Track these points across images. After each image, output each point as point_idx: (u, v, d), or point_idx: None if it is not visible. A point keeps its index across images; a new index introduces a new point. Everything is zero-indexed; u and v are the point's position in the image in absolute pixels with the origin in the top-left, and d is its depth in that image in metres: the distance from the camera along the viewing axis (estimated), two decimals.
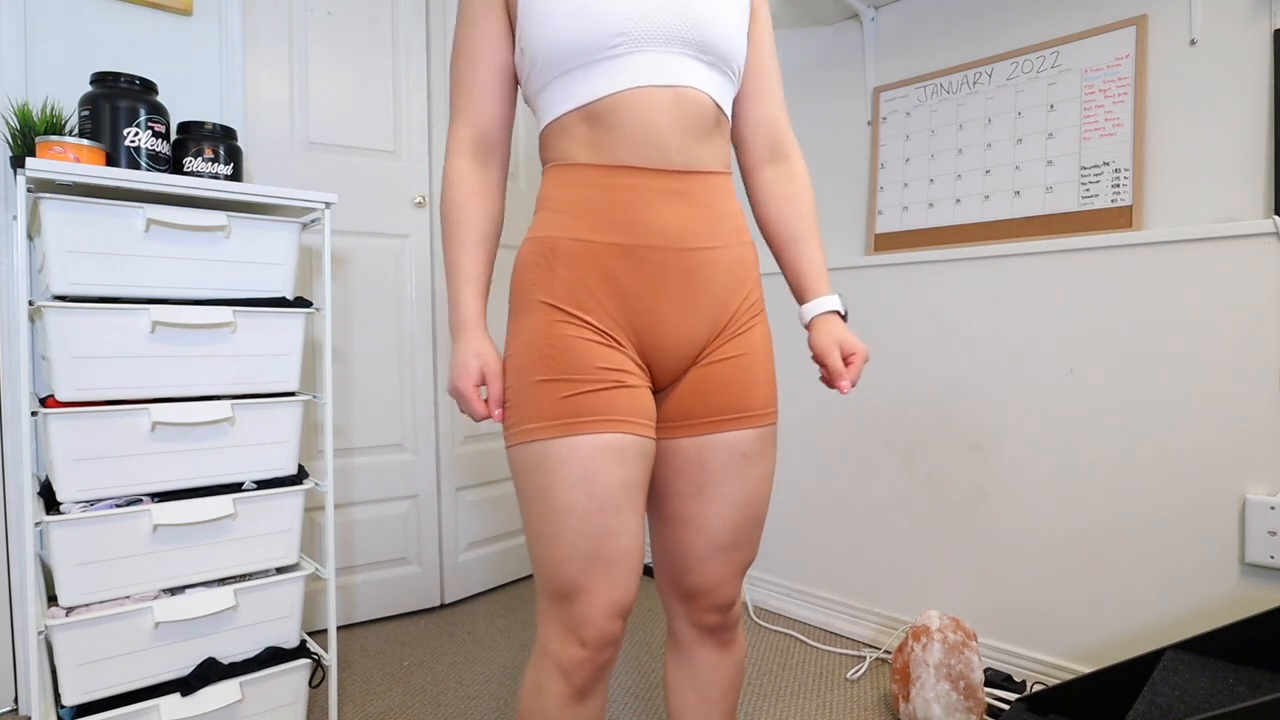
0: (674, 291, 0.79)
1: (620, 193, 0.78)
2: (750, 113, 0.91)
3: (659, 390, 0.84)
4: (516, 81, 0.85)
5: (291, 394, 1.34)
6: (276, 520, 1.31)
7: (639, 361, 0.80)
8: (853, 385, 0.85)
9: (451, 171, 0.83)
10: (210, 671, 1.21)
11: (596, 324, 0.77)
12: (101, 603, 1.15)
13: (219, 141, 1.31)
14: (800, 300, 0.90)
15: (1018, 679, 1.54)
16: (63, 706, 1.12)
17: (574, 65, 0.77)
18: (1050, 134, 1.54)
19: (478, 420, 0.80)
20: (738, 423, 0.83)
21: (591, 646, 0.76)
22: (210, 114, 1.64)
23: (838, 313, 0.88)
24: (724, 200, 0.83)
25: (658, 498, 0.87)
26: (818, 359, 0.86)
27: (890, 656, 1.72)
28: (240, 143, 1.61)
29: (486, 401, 0.81)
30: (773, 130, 0.91)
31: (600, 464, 0.74)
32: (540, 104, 0.82)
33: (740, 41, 0.83)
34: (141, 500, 1.19)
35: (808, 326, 0.89)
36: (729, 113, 0.86)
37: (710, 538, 0.84)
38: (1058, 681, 1.41)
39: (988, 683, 1.49)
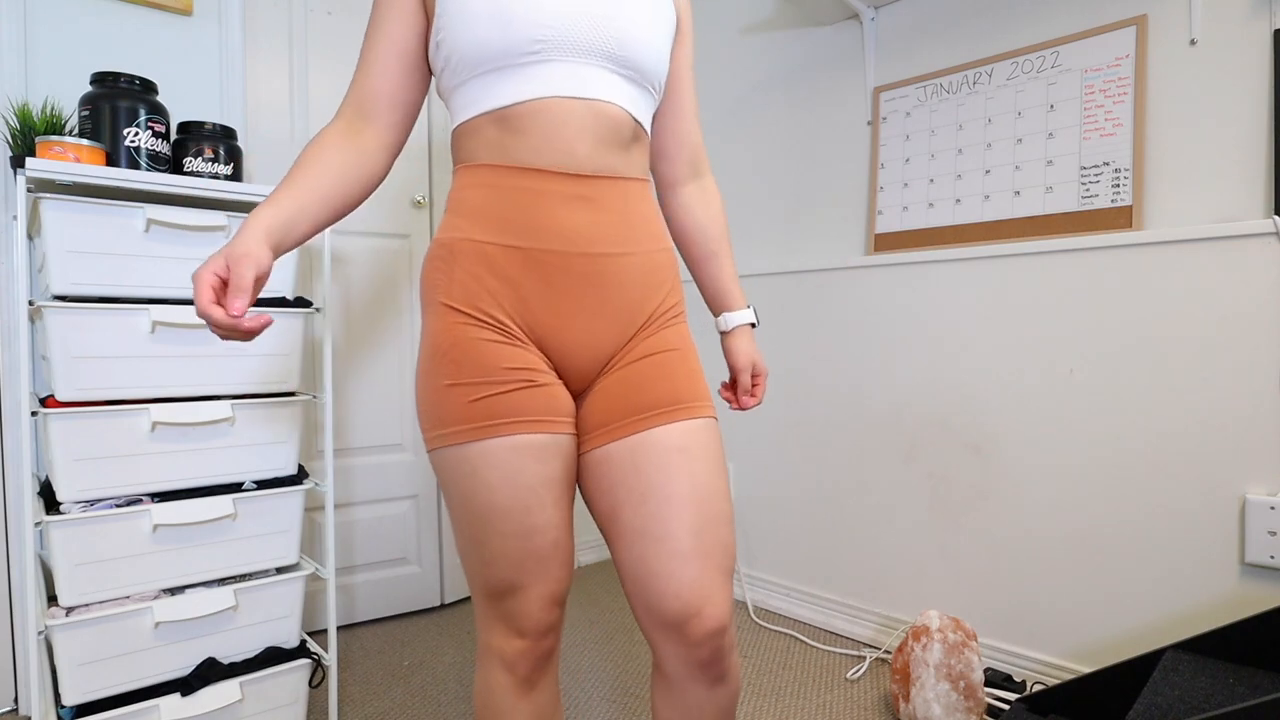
0: (578, 297, 0.77)
1: (521, 194, 0.76)
2: (674, 129, 0.93)
3: (574, 395, 0.82)
4: (422, 67, 0.82)
5: (291, 394, 1.34)
6: (276, 520, 1.31)
7: (546, 359, 0.79)
8: (758, 404, 1.00)
9: (315, 136, 0.79)
10: (210, 671, 1.21)
11: (497, 323, 0.76)
12: (101, 603, 1.15)
13: (219, 141, 1.31)
14: (719, 310, 0.98)
15: (1018, 679, 1.54)
16: (63, 706, 1.12)
17: (488, 69, 0.75)
18: (1050, 134, 1.54)
19: (200, 314, 0.64)
20: (666, 416, 0.78)
21: (531, 636, 0.79)
22: (210, 114, 1.64)
23: (752, 325, 0.98)
24: (639, 206, 0.82)
25: (607, 515, 0.79)
26: (735, 370, 0.97)
27: (890, 656, 1.72)
28: (240, 143, 1.61)
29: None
30: (695, 148, 0.95)
31: (518, 464, 0.74)
32: (453, 103, 0.80)
33: (663, 58, 0.82)
34: (141, 500, 1.19)
35: (726, 334, 0.97)
36: (648, 128, 0.85)
37: (671, 545, 0.75)
38: (1058, 681, 1.41)
39: (988, 683, 1.49)
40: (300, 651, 1.32)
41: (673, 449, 0.77)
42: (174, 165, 1.30)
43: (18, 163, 1.07)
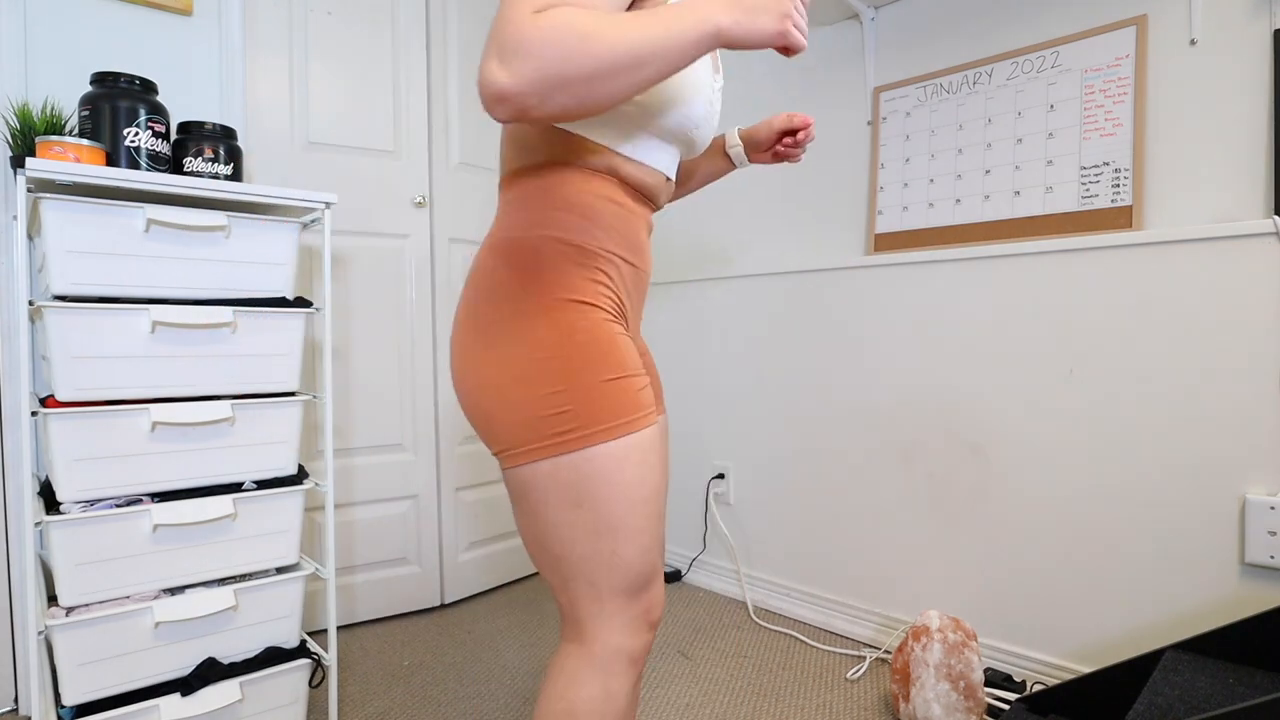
0: (638, 309, 0.89)
1: (630, 215, 0.83)
2: None
3: None
4: None
5: (291, 394, 1.34)
6: (277, 520, 1.31)
7: None
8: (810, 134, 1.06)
9: (559, 16, 0.60)
10: (210, 671, 1.21)
11: (623, 318, 0.82)
12: (101, 603, 1.15)
13: (219, 141, 1.31)
14: (719, 147, 1.08)
15: (1018, 679, 1.54)
16: (63, 706, 1.12)
17: (660, 132, 0.81)
18: (1050, 134, 1.54)
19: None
20: (661, 405, 0.95)
21: (657, 622, 0.81)
22: (210, 114, 1.64)
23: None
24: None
25: None
26: (771, 127, 1.04)
27: (890, 656, 1.72)
28: (240, 143, 1.61)
29: None
30: None
31: (663, 448, 0.82)
32: (609, 119, 0.79)
33: None
34: (141, 500, 1.19)
35: (742, 139, 1.05)
36: None
37: None
38: (1058, 681, 1.41)
39: (988, 683, 1.49)
40: (300, 651, 1.32)
41: (665, 431, 0.93)
42: (174, 165, 1.30)
43: (18, 163, 1.07)
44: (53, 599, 1.23)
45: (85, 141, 1.17)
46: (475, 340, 0.77)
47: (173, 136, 1.32)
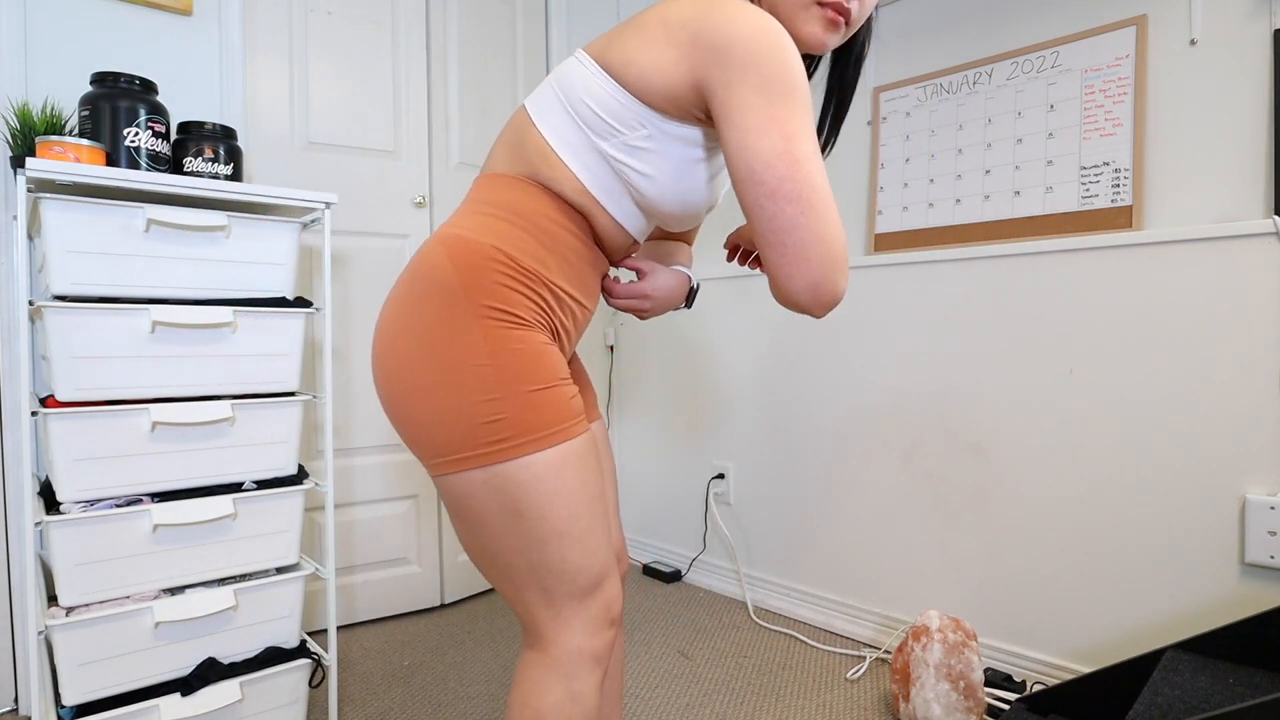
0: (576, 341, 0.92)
1: (593, 259, 0.86)
2: None
3: None
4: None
5: (291, 394, 1.34)
6: (276, 520, 1.31)
7: None
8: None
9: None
10: (210, 671, 1.21)
11: (553, 335, 0.82)
12: (101, 603, 1.15)
13: (219, 141, 1.31)
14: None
15: (1018, 679, 1.54)
16: (63, 706, 1.12)
17: (651, 211, 0.83)
18: (1050, 134, 1.54)
19: None
20: (594, 412, 1.02)
21: (617, 619, 0.80)
22: (210, 114, 1.64)
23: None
24: None
25: None
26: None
27: (890, 656, 1.72)
28: (240, 143, 1.61)
29: None
30: None
31: (596, 450, 0.82)
32: (610, 178, 0.79)
33: None
34: (141, 500, 1.19)
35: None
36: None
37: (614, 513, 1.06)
38: (1058, 681, 1.41)
39: (988, 683, 1.49)
40: (300, 651, 1.32)
41: (601, 438, 1.01)
42: (174, 165, 1.30)
43: (18, 163, 1.07)
44: (53, 599, 1.23)
45: (85, 141, 1.17)
46: (409, 339, 0.74)
47: (173, 136, 1.32)
